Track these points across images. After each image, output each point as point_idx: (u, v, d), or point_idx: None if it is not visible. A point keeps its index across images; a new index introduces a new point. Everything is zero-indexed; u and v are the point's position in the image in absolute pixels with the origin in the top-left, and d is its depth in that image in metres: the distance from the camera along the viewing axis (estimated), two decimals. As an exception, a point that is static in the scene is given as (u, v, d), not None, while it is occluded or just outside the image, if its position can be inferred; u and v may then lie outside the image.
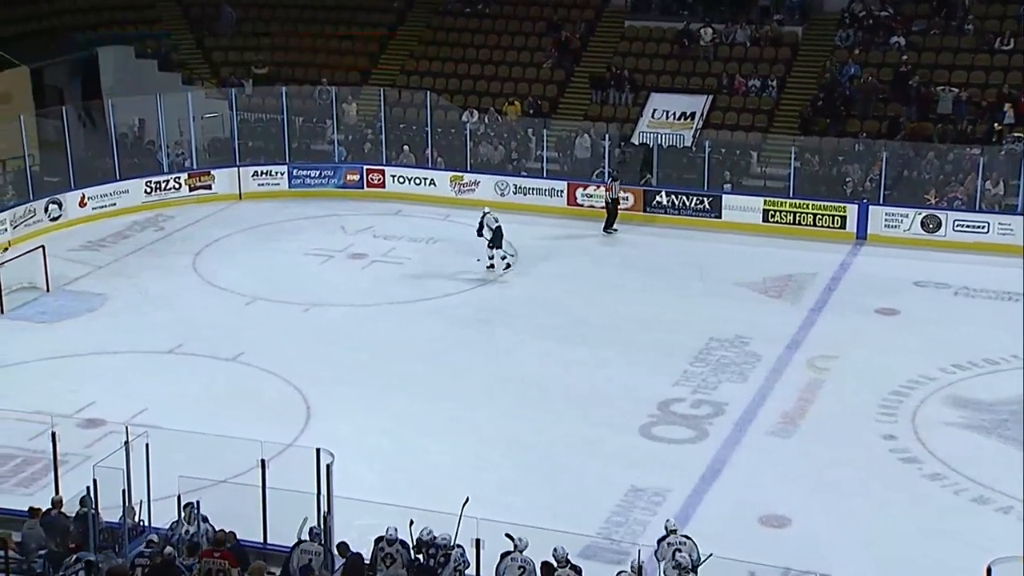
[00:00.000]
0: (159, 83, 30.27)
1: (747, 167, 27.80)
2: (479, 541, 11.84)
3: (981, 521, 15.16)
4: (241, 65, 32.12)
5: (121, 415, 16.64)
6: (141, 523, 13.05)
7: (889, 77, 28.49)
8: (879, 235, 25.27)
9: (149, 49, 31.94)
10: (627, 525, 14.96)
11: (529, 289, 22.91)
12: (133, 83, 30.45)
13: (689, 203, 26.52)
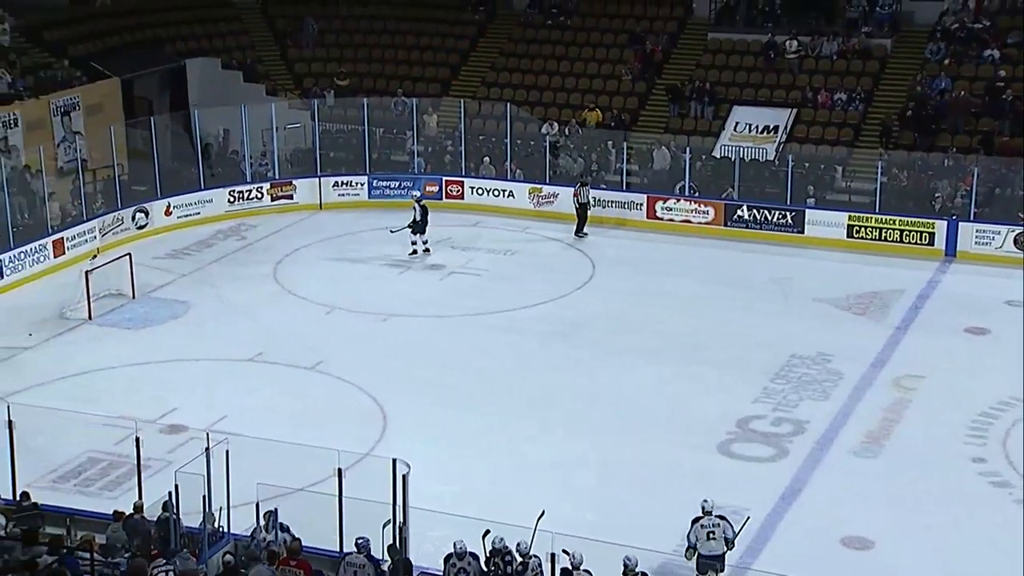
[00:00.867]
0: (244, 94, 30.70)
1: (831, 181, 27.32)
2: (554, 556, 11.73)
3: (1074, 550, 14.63)
4: (323, 76, 32.47)
5: (202, 422, 16.85)
6: (220, 529, 13.16)
7: (981, 91, 27.82)
8: (969, 252, 24.66)
9: (235, 60, 32.48)
10: (704, 544, 14.70)
11: (608, 303, 22.74)
12: (219, 94, 30.96)
13: (771, 217, 26.15)
